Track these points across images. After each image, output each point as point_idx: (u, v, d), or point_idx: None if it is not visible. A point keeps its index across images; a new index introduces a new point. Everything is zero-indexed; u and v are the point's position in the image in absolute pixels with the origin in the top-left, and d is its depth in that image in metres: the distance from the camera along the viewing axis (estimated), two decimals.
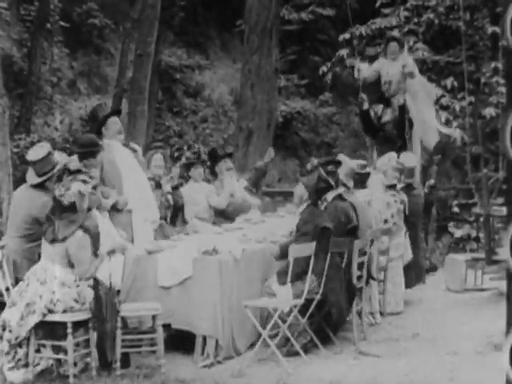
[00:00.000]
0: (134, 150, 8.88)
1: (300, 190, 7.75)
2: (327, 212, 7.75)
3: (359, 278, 7.87)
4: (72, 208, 6.74)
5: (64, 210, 6.74)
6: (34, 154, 7.54)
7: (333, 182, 7.87)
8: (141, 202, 8.46)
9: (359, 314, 7.99)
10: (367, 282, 8.41)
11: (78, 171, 7.12)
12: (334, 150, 17.06)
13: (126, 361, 6.90)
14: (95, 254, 6.84)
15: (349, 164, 8.76)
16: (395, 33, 11.20)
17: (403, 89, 11.67)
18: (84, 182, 6.91)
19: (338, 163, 8.33)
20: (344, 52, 17.00)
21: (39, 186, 7.44)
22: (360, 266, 7.86)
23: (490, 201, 11.56)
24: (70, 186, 6.79)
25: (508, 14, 3.41)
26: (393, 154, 10.04)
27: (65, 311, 6.62)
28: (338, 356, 7.41)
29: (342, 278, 7.62)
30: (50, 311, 6.61)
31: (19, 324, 6.59)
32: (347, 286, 7.68)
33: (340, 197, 8.07)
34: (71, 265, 6.69)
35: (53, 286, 6.61)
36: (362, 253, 7.93)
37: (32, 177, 7.51)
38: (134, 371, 6.80)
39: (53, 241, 6.71)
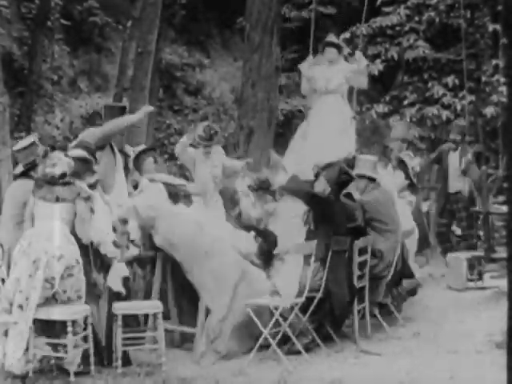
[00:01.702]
0: (128, 155, 8.86)
1: (321, 185, 7.73)
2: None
3: (360, 277, 7.86)
4: (63, 177, 6.84)
5: (57, 180, 6.84)
6: (18, 144, 7.72)
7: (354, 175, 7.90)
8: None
9: (361, 312, 7.98)
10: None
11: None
12: None
13: (126, 359, 6.91)
14: None
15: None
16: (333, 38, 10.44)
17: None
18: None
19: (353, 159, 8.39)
20: (345, 51, 16.98)
21: (25, 176, 7.51)
22: (361, 266, 7.86)
23: (490, 199, 11.56)
24: (61, 158, 6.91)
25: None
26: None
27: (64, 302, 6.63)
28: (339, 355, 7.42)
29: (344, 276, 7.63)
30: (50, 283, 6.60)
31: (28, 283, 6.59)
32: (349, 284, 7.69)
33: (349, 195, 8.07)
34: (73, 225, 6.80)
35: (57, 240, 6.66)
36: (364, 252, 7.93)
37: (18, 167, 7.64)
38: (136, 369, 6.81)
39: (59, 199, 6.79)
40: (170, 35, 18.43)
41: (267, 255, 8.04)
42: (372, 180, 8.41)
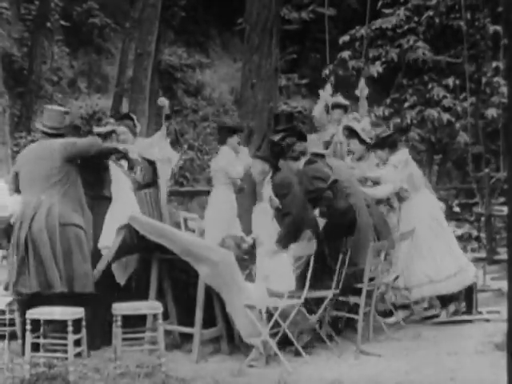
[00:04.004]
0: None
1: (259, 166, 7.86)
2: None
3: (370, 280, 7.82)
4: None
5: None
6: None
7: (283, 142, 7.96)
8: None
9: (366, 315, 7.94)
10: None
11: None
12: None
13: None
14: None
15: None
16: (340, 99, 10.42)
17: None
18: None
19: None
20: (346, 54, 16.99)
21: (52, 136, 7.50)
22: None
23: (492, 200, 11.56)
24: None
25: None
26: None
27: None
28: (339, 355, 7.40)
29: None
30: None
31: None
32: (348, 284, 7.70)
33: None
34: None
35: None
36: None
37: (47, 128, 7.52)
38: (135, 370, 6.78)
39: None
40: (169, 36, 18.45)
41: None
42: (321, 156, 8.50)
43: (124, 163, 8.41)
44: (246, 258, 8.35)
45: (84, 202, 7.48)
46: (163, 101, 9.29)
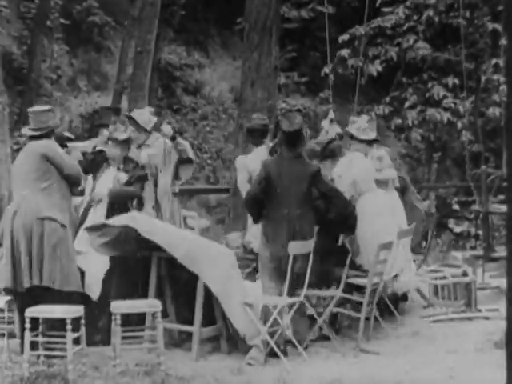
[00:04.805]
0: None
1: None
2: None
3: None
4: None
5: None
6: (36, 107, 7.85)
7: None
8: None
9: (367, 317, 7.94)
10: None
11: None
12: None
13: None
14: None
15: None
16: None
17: None
18: None
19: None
20: (345, 52, 16.99)
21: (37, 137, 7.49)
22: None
23: (489, 198, 11.56)
24: None
25: None
26: None
27: None
28: (339, 354, 7.41)
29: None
30: None
31: None
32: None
33: None
34: None
35: None
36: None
37: (31, 130, 7.51)
38: (134, 368, 6.79)
39: None
40: (169, 35, 18.43)
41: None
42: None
43: (123, 176, 8.45)
44: (252, 257, 8.35)
45: (70, 201, 7.51)
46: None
